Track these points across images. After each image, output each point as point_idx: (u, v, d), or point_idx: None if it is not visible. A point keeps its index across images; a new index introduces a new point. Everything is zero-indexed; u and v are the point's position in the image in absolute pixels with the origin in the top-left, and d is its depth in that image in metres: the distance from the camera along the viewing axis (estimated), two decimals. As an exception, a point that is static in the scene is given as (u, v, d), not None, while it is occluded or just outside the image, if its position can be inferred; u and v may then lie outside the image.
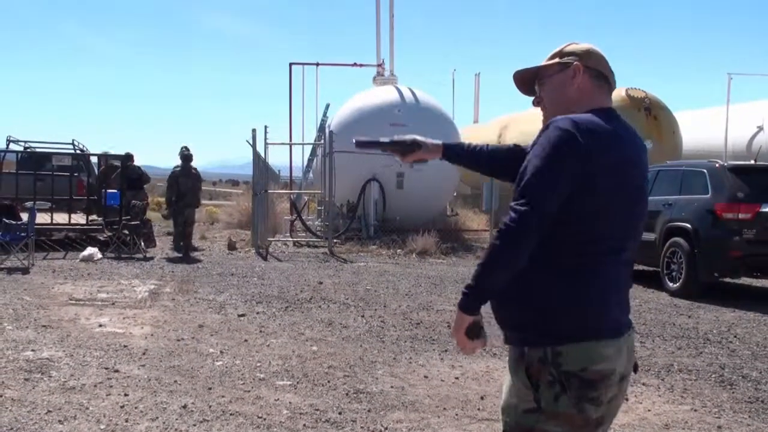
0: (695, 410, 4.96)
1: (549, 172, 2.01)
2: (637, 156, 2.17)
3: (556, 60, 2.29)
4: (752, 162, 10.96)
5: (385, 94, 18.10)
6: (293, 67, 20.58)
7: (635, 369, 2.22)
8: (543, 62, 2.33)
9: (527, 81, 2.38)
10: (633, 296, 10.97)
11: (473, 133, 24.32)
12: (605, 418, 2.12)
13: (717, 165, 10.19)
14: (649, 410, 4.92)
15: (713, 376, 5.88)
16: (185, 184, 13.92)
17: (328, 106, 21.35)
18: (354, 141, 2.68)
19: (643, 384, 5.55)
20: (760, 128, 17.25)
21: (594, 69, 2.26)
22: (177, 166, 14.13)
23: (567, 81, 2.25)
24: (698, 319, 8.29)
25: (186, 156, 14.05)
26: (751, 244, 9.40)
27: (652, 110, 17.10)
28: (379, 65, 20.23)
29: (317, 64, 21.00)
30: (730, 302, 9.42)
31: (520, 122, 21.48)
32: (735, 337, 7.42)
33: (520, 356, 2.12)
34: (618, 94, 17.42)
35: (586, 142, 2.01)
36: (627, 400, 5.12)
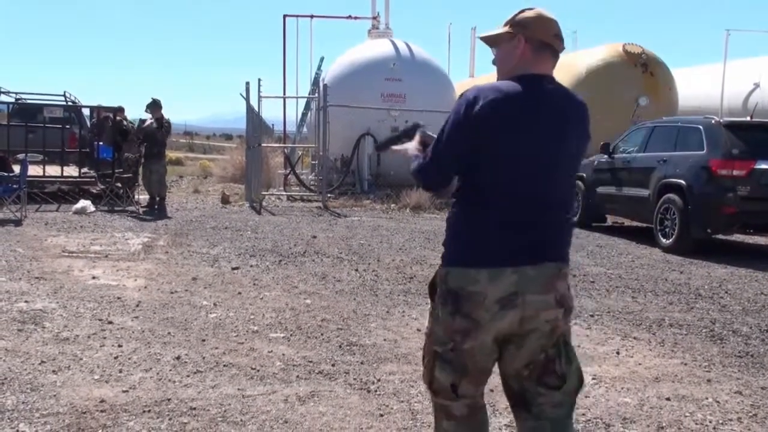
0: (685, 364, 5.01)
1: (447, 138, 2.47)
2: (534, 122, 2.40)
3: (506, 29, 2.54)
4: (748, 119, 10.90)
5: (380, 48, 17.88)
6: (287, 19, 20.30)
7: (562, 304, 2.46)
8: (497, 30, 2.58)
9: (488, 43, 2.64)
10: (626, 252, 10.82)
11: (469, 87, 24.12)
12: (474, 332, 2.41)
13: (713, 121, 10.14)
14: (639, 364, 4.96)
15: (704, 330, 5.92)
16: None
17: (322, 59, 21.11)
18: (375, 148, 2.96)
19: (635, 338, 5.60)
20: (757, 85, 17.15)
21: (537, 39, 2.48)
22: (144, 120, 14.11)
23: (512, 50, 2.51)
24: (690, 275, 8.33)
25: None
26: (745, 200, 9.39)
27: (649, 66, 17.01)
28: (374, 18, 19.95)
29: (311, 17, 20.72)
30: (722, 259, 9.46)
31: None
32: (726, 292, 7.47)
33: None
34: (615, 49, 17.29)
35: (480, 110, 2.35)
36: (618, 353, 5.17)
